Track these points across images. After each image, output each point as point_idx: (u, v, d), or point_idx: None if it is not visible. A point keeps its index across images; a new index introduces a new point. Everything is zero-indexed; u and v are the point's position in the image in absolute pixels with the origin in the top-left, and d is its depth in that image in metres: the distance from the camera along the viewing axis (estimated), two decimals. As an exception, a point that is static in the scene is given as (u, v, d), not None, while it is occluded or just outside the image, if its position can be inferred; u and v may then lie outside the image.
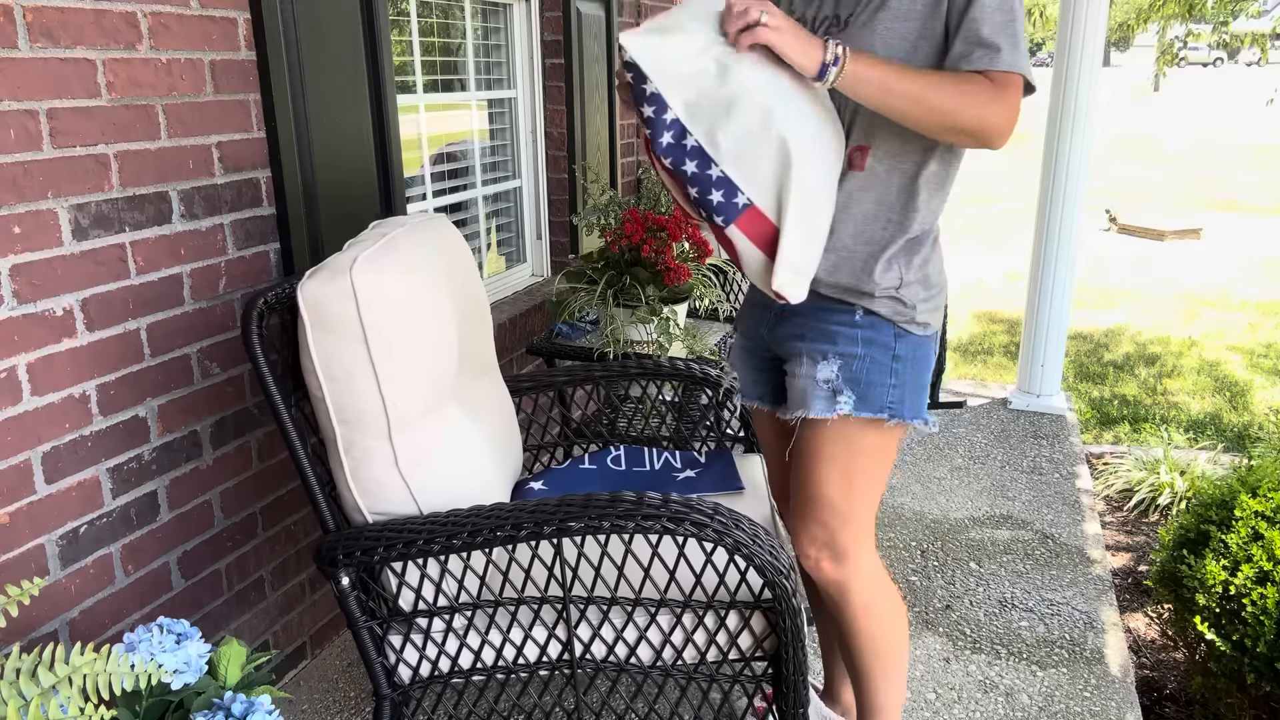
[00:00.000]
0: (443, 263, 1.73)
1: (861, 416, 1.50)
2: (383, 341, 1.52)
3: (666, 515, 1.43)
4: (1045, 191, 3.68)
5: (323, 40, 2.06)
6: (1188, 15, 7.36)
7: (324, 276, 1.50)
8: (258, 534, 2.09)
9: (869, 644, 1.62)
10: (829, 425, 1.52)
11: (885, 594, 1.63)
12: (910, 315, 1.51)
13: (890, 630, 1.63)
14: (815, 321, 1.54)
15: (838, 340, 1.51)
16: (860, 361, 1.50)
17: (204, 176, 1.84)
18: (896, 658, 1.66)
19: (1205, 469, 3.43)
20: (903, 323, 1.51)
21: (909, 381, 1.52)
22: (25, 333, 1.54)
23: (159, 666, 1.24)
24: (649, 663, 1.61)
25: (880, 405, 1.50)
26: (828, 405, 1.50)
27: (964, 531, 2.90)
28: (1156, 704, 2.39)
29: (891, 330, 1.51)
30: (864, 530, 1.58)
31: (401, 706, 1.68)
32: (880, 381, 1.50)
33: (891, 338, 1.51)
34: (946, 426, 3.74)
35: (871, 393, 1.50)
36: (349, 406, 1.54)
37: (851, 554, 1.57)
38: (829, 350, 1.51)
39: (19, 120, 1.50)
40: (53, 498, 1.62)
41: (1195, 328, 5.95)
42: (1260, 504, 2.12)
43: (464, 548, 1.50)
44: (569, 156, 3.43)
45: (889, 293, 1.50)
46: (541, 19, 3.32)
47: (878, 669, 1.65)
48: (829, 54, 1.34)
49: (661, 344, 2.64)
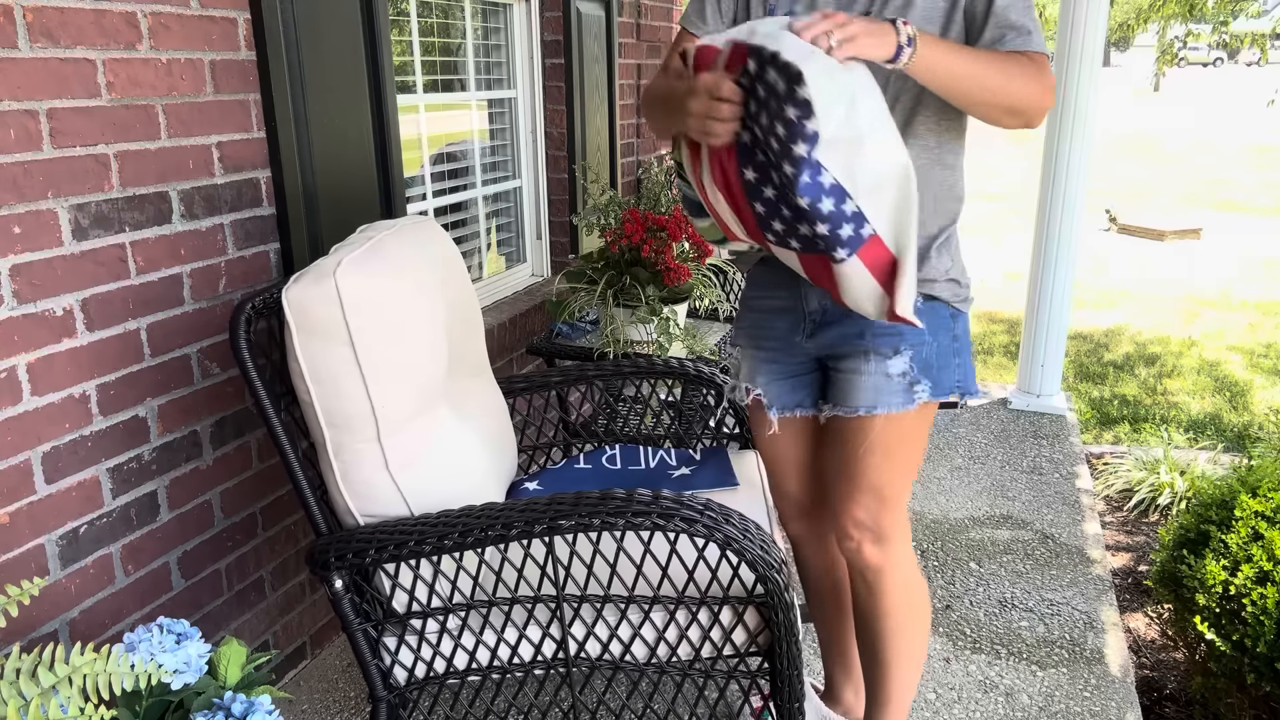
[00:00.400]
0: (431, 264, 1.73)
1: (936, 400, 1.56)
2: (369, 344, 1.52)
3: (656, 511, 1.44)
4: (1045, 191, 3.68)
5: (323, 40, 2.07)
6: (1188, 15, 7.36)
7: (309, 280, 1.50)
8: (258, 534, 2.09)
9: (895, 629, 1.65)
10: (882, 416, 1.55)
11: (917, 581, 1.66)
12: (964, 294, 1.59)
13: (917, 618, 1.67)
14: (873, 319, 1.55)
15: (904, 331, 1.55)
16: (929, 348, 1.55)
17: (204, 176, 1.84)
18: (917, 647, 1.68)
19: (1205, 469, 3.43)
20: (957, 302, 1.58)
21: (968, 357, 1.61)
22: (25, 333, 1.55)
23: (159, 666, 1.24)
24: (644, 660, 1.62)
25: (951, 385, 1.57)
26: (906, 397, 1.54)
27: (964, 531, 2.90)
28: (1156, 704, 2.39)
29: (947, 311, 1.57)
30: (903, 514, 1.62)
31: (399, 708, 1.68)
32: (947, 363, 1.57)
33: (949, 318, 1.57)
34: (946, 426, 3.74)
35: (943, 375, 1.56)
36: (337, 410, 1.54)
37: (893, 538, 1.60)
38: (899, 344, 1.54)
39: (19, 120, 1.50)
40: (53, 498, 1.62)
41: (1195, 328, 5.95)
42: (1260, 504, 2.12)
43: (455, 548, 1.50)
44: (569, 156, 3.43)
45: (947, 275, 1.56)
46: (541, 19, 3.32)
47: (898, 656, 1.67)
48: (902, 35, 1.30)
49: (661, 344, 2.64)
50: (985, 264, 7.69)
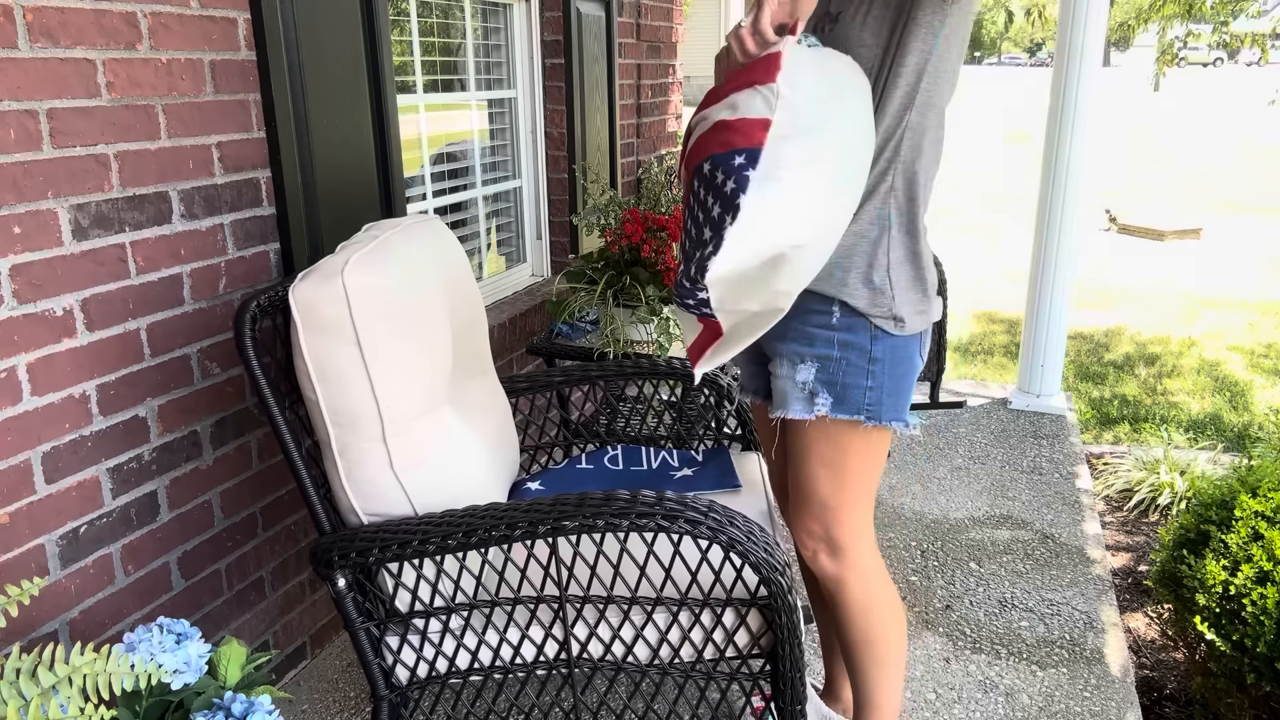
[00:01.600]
0: (436, 264, 1.73)
1: (839, 418, 1.50)
2: (375, 343, 1.51)
3: (660, 513, 1.44)
4: (1045, 191, 3.68)
5: (323, 40, 2.06)
6: (1187, 15, 7.35)
7: (316, 279, 1.50)
8: (258, 534, 2.09)
9: (864, 639, 1.63)
10: (810, 425, 1.53)
11: (882, 591, 1.63)
12: (891, 312, 1.49)
13: (886, 627, 1.64)
14: (795, 323, 1.53)
15: (815, 341, 1.51)
16: (835, 364, 1.50)
17: (204, 176, 1.84)
18: (892, 655, 1.66)
19: (1205, 469, 3.43)
20: (880, 321, 1.49)
21: (889, 382, 1.51)
22: (25, 333, 1.55)
23: (159, 666, 1.24)
24: (646, 661, 1.62)
25: (858, 407, 1.50)
26: (806, 407, 1.51)
27: (964, 531, 2.90)
28: (1156, 704, 2.39)
29: (867, 331, 1.49)
30: (859, 527, 1.59)
31: (400, 707, 1.68)
32: (855, 383, 1.50)
33: (866, 338, 1.49)
34: (946, 426, 3.74)
35: (849, 395, 1.50)
36: (343, 409, 1.54)
37: (849, 550, 1.58)
38: (806, 353, 1.51)
39: (19, 120, 1.50)
40: (53, 498, 1.62)
41: (1195, 328, 5.95)
42: (1260, 504, 2.12)
43: (459, 548, 1.50)
44: (569, 156, 3.43)
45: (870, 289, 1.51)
46: (541, 19, 3.32)
47: (873, 665, 1.65)
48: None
49: (661, 344, 2.64)
50: (985, 264, 7.70)
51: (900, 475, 3.30)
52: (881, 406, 1.51)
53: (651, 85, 4.18)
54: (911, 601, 2.52)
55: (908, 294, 1.50)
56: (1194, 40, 8.46)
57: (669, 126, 4.47)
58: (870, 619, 1.62)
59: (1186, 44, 8.35)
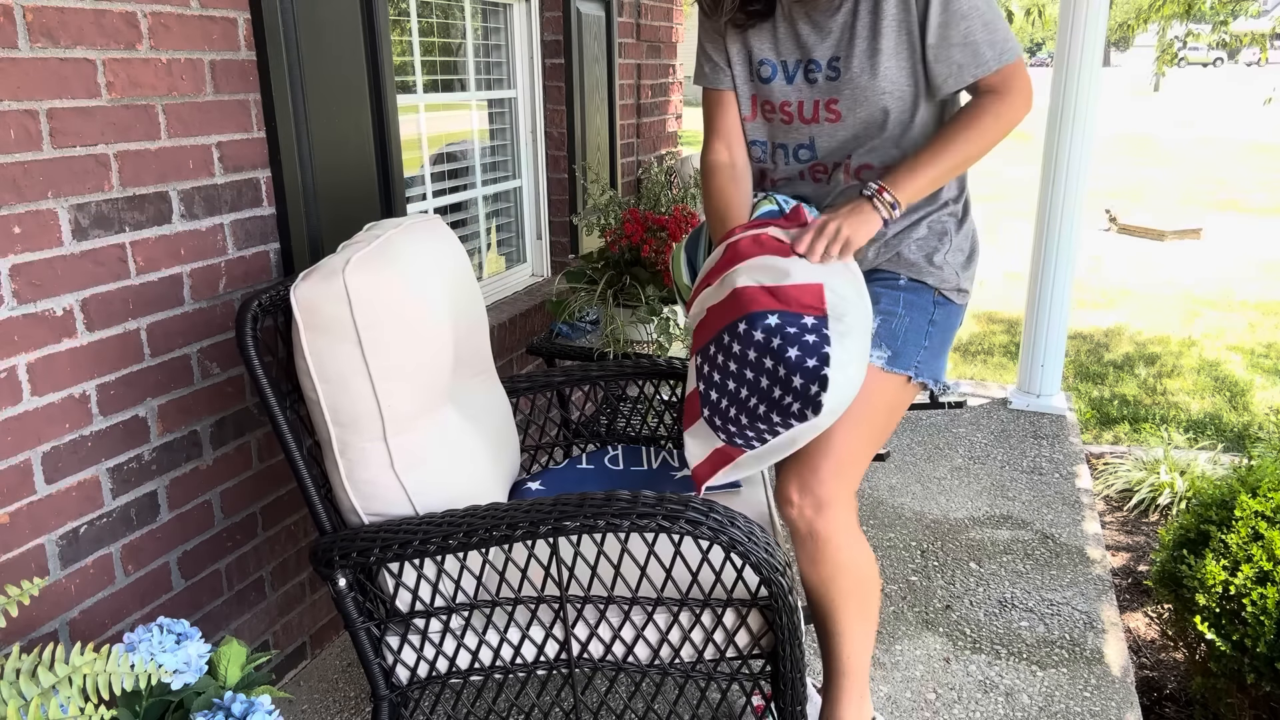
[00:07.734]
0: (437, 263, 1.73)
1: (892, 371, 1.62)
2: (377, 343, 1.51)
3: (661, 513, 1.44)
4: (1045, 191, 3.68)
5: (323, 40, 2.06)
6: (1187, 15, 7.35)
7: (317, 278, 1.50)
8: (258, 534, 2.09)
9: (841, 595, 1.66)
10: None
11: (862, 550, 1.67)
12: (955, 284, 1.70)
13: (863, 583, 1.67)
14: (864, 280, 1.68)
15: (881, 298, 1.65)
16: (899, 321, 1.63)
17: (204, 176, 1.84)
18: (868, 613, 1.70)
19: (1205, 469, 3.42)
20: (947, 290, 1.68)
21: (939, 348, 1.68)
22: (25, 333, 1.54)
23: (159, 666, 1.24)
24: (646, 661, 1.62)
25: (910, 364, 1.63)
26: None
27: (964, 531, 2.90)
28: (1156, 704, 2.39)
29: (930, 295, 1.67)
30: (850, 484, 1.63)
31: (400, 707, 1.68)
32: (913, 341, 1.64)
33: (930, 303, 1.66)
34: (946, 426, 3.74)
35: (905, 350, 1.63)
36: (344, 408, 1.54)
37: (833, 505, 1.60)
38: (873, 307, 1.62)
39: (19, 120, 1.50)
40: (53, 498, 1.62)
41: (1195, 328, 5.95)
42: (1260, 504, 2.12)
43: (459, 548, 1.50)
44: (569, 156, 3.43)
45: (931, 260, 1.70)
46: (541, 19, 3.32)
47: (850, 623, 1.68)
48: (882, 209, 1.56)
49: (661, 344, 2.64)
50: (985, 264, 7.69)
51: (900, 475, 3.30)
52: (928, 366, 1.66)
53: (651, 85, 4.18)
54: (911, 601, 2.52)
55: (966, 270, 1.72)
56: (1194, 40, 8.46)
57: (669, 126, 4.47)
58: (848, 576, 1.65)
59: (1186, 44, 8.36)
